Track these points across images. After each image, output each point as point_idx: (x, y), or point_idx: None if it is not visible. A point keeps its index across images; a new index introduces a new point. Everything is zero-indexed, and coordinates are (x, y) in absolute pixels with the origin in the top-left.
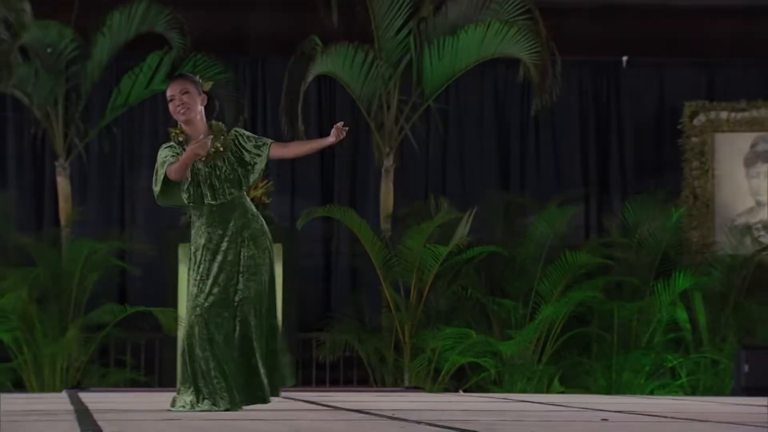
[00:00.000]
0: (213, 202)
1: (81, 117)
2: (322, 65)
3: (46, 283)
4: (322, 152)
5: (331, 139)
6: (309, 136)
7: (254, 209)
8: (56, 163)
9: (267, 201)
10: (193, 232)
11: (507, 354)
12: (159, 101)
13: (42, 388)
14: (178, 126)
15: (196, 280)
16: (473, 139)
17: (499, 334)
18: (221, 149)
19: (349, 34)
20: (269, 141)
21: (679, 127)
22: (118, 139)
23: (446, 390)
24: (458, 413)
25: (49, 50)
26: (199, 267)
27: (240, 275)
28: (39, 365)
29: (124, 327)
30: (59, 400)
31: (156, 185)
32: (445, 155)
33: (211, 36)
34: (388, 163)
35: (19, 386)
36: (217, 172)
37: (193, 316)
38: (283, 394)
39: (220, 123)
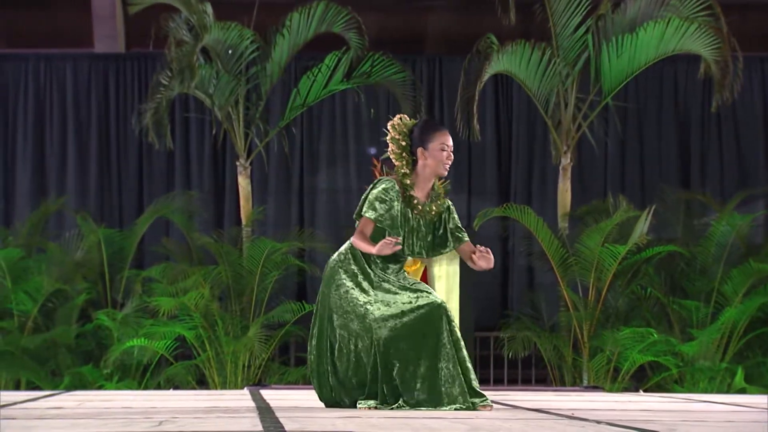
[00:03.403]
0: (402, 251)
1: (261, 117)
2: (498, 64)
3: (227, 281)
4: (499, 150)
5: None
6: (484, 135)
7: None
8: (237, 163)
9: None
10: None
11: (689, 354)
12: (337, 101)
13: (224, 385)
14: (403, 166)
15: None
16: (652, 136)
17: (679, 333)
18: (434, 210)
19: (525, 33)
20: (466, 236)
21: None
22: (297, 139)
23: (626, 390)
24: (638, 413)
25: (229, 51)
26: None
27: (407, 290)
28: (221, 362)
29: (303, 325)
30: (241, 397)
31: (364, 212)
32: (623, 153)
33: (388, 35)
34: (566, 161)
35: (201, 383)
36: (421, 227)
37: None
38: None
39: (447, 184)
